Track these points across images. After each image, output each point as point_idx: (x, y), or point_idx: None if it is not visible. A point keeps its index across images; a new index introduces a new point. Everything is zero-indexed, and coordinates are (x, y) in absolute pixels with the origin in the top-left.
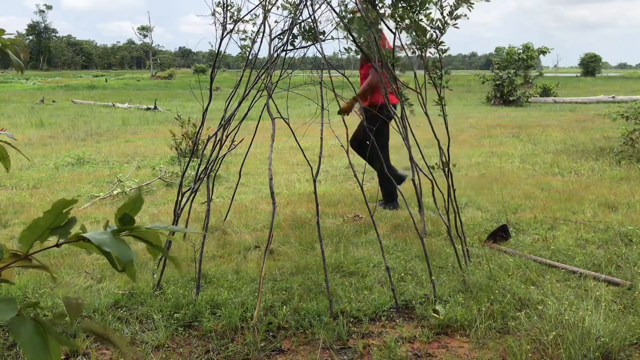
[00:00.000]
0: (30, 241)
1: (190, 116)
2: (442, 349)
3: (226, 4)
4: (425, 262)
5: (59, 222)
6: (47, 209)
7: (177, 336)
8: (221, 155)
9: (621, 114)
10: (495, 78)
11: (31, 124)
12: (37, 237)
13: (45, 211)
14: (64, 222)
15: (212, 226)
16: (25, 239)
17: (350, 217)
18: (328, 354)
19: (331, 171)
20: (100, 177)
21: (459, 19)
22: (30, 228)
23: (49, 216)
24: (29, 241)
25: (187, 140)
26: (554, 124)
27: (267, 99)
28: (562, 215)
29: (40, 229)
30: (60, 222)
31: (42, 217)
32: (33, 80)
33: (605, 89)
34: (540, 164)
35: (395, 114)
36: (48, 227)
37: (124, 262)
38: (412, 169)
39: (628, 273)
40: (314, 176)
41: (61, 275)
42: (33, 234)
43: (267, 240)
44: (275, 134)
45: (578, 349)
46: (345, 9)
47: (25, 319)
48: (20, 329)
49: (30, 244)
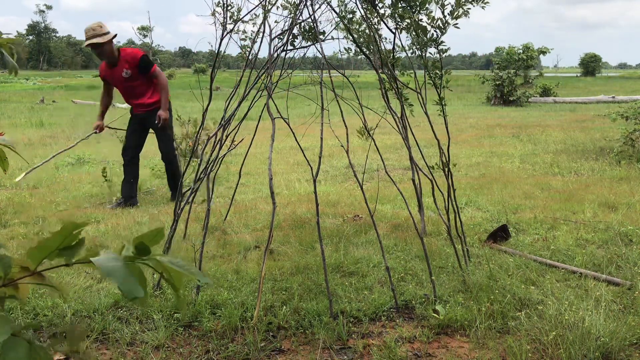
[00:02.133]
0: (39, 260)
1: (190, 116)
2: (442, 349)
3: (226, 4)
4: (425, 262)
5: (68, 243)
6: (57, 230)
7: (177, 336)
8: (221, 155)
9: (621, 114)
10: (495, 78)
11: (31, 124)
12: (45, 256)
13: (54, 232)
14: (74, 243)
15: (212, 226)
16: (34, 257)
17: (350, 217)
18: (328, 354)
19: (331, 171)
20: (100, 177)
21: (460, 18)
22: (39, 247)
23: (58, 237)
24: (37, 260)
25: (187, 140)
26: (554, 124)
27: (267, 99)
28: (562, 215)
29: (48, 249)
30: (69, 243)
31: (51, 237)
32: (33, 80)
33: (605, 89)
34: (540, 164)
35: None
36: (57, 248)
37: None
38: (412, 169)
39: (628, 273)
40: (314, 176)
41: (61, 275)
42: (41, 253)
43: (267, 240)
44: (275, 134)
45: (578, 349)
46: (345, 9)
47: (19, 343)
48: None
49: (38, 262)
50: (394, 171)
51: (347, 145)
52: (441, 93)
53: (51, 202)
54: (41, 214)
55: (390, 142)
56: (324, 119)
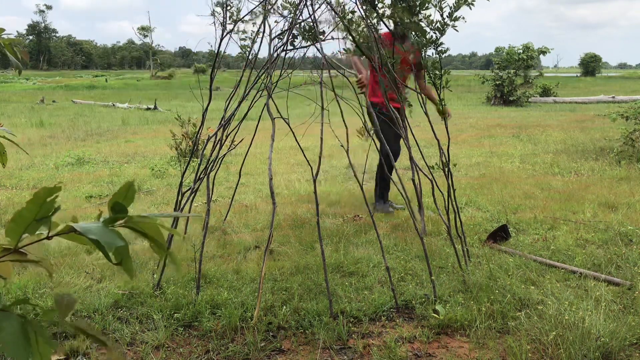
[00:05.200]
0: (18, 234)
1: (190, 116)
2: (442, 349)
3: (226, 3)
4: (425, 262)
5: (44, 213)
6: (30, 199)
7: (177, 336)
8: (221, 155)
9: (621, 114)
10: (495, 78)
11: (31, 124)
12: (24, 228)
13: (27, 201)
14: (50, 212)
15: (212, 226)
16: (12, 231)
17: (350, 217)
18: (328, 354)
19: (331, 171)
20: (100, 177)
21: (458, 20)
22: (14, 220)
23: (32, 206)
24: (16, 234)
25: (187, 140)
26: (554, 124)
27: (267, 99)
28: (562, 215)
29: (25, 220)
30: (46, 213)
31: (25, 207)
32: (33, 80)
33: (605, 89)
34: (540, 164)
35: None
36: (34, 218)
37: (116, 251)
38: (412, 169)
39: (628, 273)
40: (314, 176)
41: (61, 275)
42: (19, 226)
43: (267, 240)
44: (275, 134)
45: (578, 349)
46: (344, 10)
47: (11, 315)
48: (3, 325)
49: (18, 236)
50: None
51: (347, 145)
52: (441, 93)
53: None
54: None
55: None
56: (324, 119)
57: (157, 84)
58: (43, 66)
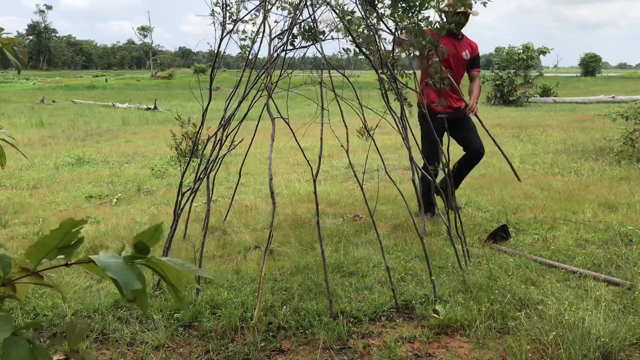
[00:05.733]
0: (38, 258)
1: (190, 116)
2: (442, 349)
3: (225, 4)
4: (425, 262)
5: (67, 242)
6: (55, 228)
7: (177, 336)
8: (221, 155)
9: (621, 114)
10: (495, 78)
11: (31, 124)
12: (45, 255)
13: (53, 230)
14: (73, 242)
15: (212, 226)
16: (33, 255)
17: (350, 217)
18: (328, 354)
19: (331, 171)
20: (100, 177)
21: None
22: (37, 245)
23: (56, 235)
24: (36, 258)
25: (187, 140)
26: (554, 124)
27: (267, 99)
28: (562, 215)
29: (47, 248)
30: (68, 242)
31: (49, 235)
32: (33, 80)
33: (605, 89)
34: (540, 164)
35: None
36: (56, 246)
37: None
38: (412, 169)
39: (628, 273)
40: (314, 176)
41: (61, 275)
42: (40, 252)
43: (267, 240)
44: (275, 134)
45: (578, 349)
46: (344, 11)
47: (20, 341)
48: (11, 352)
49: (37, 260)
50: (394, 171)
51: (347, 145)
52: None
53: (51, 202)
54: (41, 214)
55: (390, 142)
56: (324, 119)
57: (157, 84)
58: (43, 66)
